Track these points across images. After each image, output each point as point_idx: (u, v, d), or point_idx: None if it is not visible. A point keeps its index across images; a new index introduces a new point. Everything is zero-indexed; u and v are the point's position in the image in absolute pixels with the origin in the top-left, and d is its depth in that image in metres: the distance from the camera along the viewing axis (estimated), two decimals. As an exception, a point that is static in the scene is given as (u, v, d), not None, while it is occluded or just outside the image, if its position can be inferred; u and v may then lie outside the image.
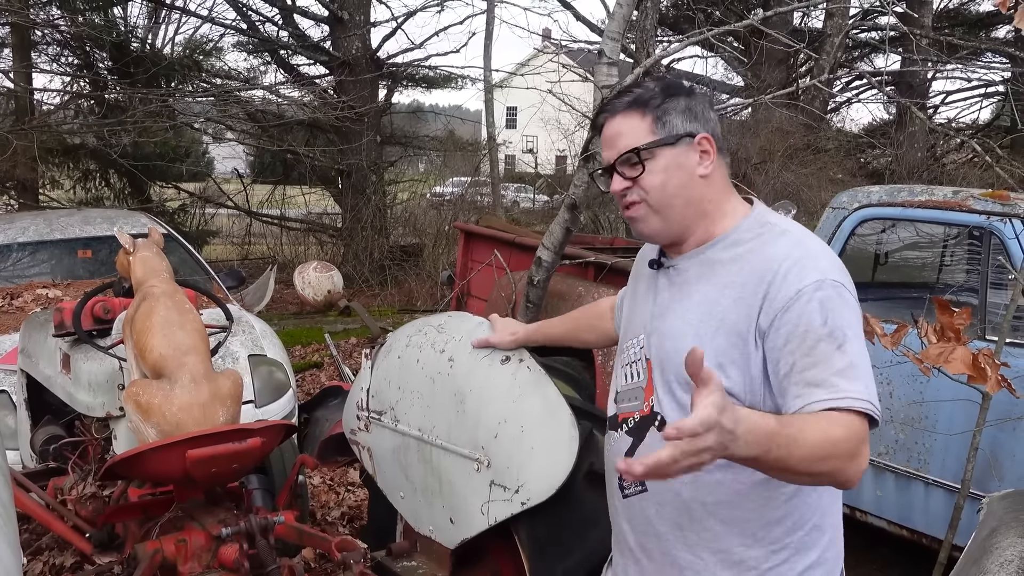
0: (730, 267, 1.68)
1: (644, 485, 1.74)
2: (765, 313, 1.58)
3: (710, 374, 1.29)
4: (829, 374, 1.49)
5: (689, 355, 1.28)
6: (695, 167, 1.72)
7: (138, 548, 2.79)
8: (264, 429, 2.85)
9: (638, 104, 1.72)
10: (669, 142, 1.70)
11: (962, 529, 3.63)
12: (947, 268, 4.62)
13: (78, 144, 11.99)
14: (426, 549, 2.91)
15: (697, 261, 1.74)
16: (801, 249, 1.63)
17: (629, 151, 1.71)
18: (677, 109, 1.72)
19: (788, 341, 1.55)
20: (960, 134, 12.68)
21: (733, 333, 1.61)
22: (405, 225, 14.33)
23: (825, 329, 1.52)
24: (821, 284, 1.56)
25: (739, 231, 1.72)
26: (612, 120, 1.75)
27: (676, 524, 1.71)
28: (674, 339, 1.70)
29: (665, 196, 1.71)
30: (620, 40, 5.30)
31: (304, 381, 7.71)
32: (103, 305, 3.46)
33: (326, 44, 13.70)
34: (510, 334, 2.53)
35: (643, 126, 1.71)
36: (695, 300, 1.70)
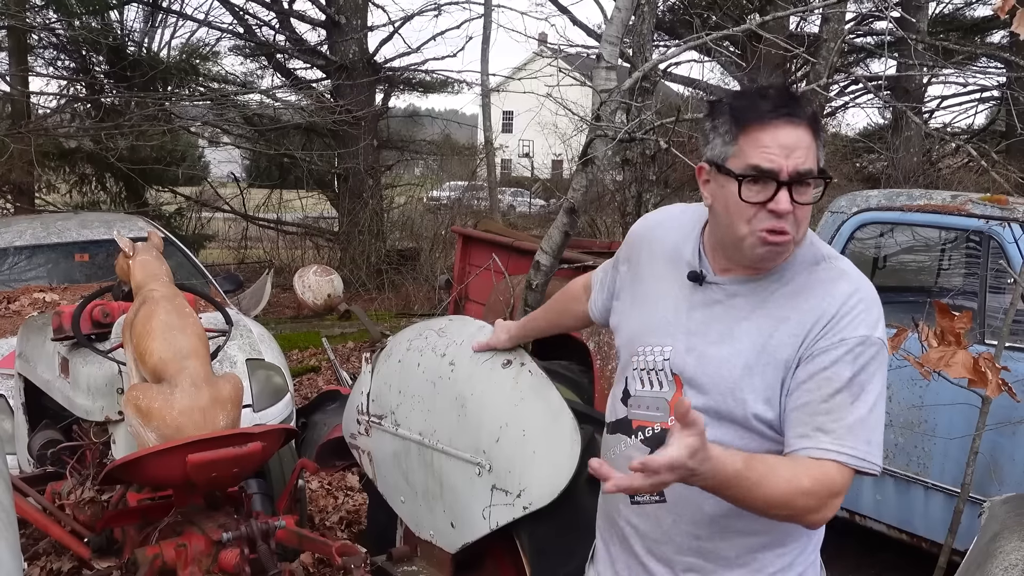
0: (786, 302, 1.66)
1: (663, 496, 1.72)
2: (805, 347, 1.61)
3: (696, 418, 1.36)
4: (838, 425, 1.56)
5: (678, 404, 1.37)
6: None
7: (137, 553, 2.78)
8: (265, 433, 2.85)
9: (815, 122, 1.60)
10: (824, 175, 1.62)
11: (962, 533, 3.63)
12: (945, 272, 4.63)
13: (74, 148, 11.96)
14: (427, 554, 2.90)
15: (749, 288, 1.69)
16: (859, 296, 1.63)
17: (815, 175, 1.58)
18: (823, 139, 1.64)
19: (811, 378, 1.59)
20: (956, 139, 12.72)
21: (783, 367, 1.63)
22: (402, 229, 14.32)
23: (849, 383, 1.57)
24: (865, 340, 1.59)
25: (795, 265, 1.68)
26: (796, 128, 1.58)
27: (693, 534, 1.72)
28: (720, 366, 1.67)
29: (806, 228, 1.66)
30: (618, 44, 5.31)
31: (301, 385, 7.69)
32: (102, 309, 3.45)
33: (323, 48, 13.70)
34: (504, 332, 2.55)
35: (816, 147, 1.60)
36: (745, 329, 1.67)
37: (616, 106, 5.06)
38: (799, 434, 1.58)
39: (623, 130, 4.81)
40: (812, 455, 1.55)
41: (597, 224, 12.30)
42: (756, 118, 1.58)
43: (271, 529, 2.81)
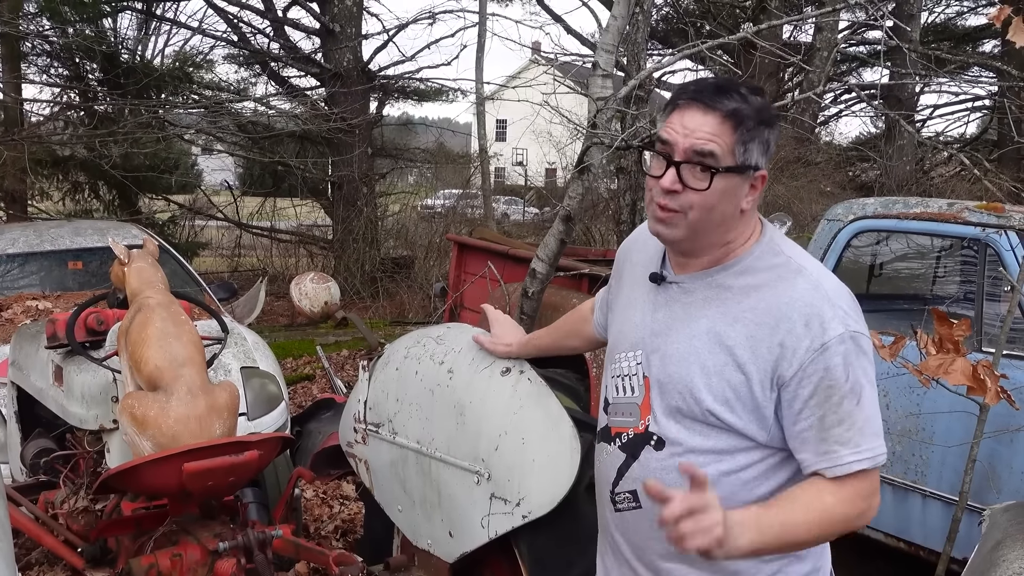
0: (742, 299, 1.65)
1: (639, 502, 1.74)
2: (788, 362, 1.59)
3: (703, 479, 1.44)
4: (853, 433, 1.58)
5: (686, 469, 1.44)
6: (741, 200, 1.67)
7: (132, 563, 2.75)
8: (261, 442, 2.83)
9: (735, 116, 1.61)
10: (741, 170, 1.63)
11: (960, 541, 3.63)
12: (941, 280, 4.63)
13: (67, 156, 11.92)
14: (424, 563, 2.88)
15: (705, 284, 1.70)
16: (820, 293, 1.61)
17: (709, 164, 1.61)
18: (760, 140, 1.64)
19: (814, 395, 1.58)
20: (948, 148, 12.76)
21: (743, 371, 1.62)
22: (396, 237, 14.30)
23: (848, 385, 1.57)
24: (843, 337, 1.58)
25: (751, 258, 1.68)
26: (706, 114, 1.62)
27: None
28: (678, 365, 1.68)
29: (708, 219, 1.65)
30: (614, 52, 5.31)
31: (296, 394, 7.66)
32: (96, 316, 3.43)
33: (317, 56, 13.69)
34: (504, 346, 2.52)
35: (728, 141, 1.61)
36: (702, 327, 1.67)
37: (612, 114, 5.06)
38: (819, 452, 1.60)
39: (620, 138, 4.80)
40: (837, 474, 1.58)
41: (592, 232, 12.31)
42: (678, 98, 1.67)
43: (268, 538, 2.79)
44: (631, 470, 1.73)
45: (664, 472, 1.68)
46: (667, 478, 1.66)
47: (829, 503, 1.57)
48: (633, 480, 1.73)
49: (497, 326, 2.57)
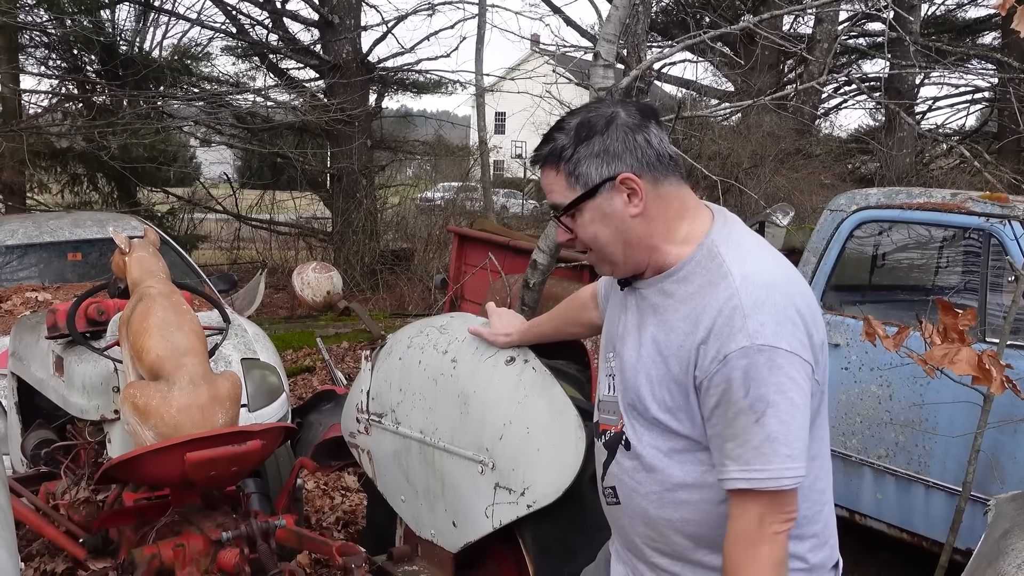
0: (679, 307, 1.62)
1: (618, 498, 1.76)
2: (700, 368, 1.56)
3: None
4: (744, 450, 1.51)
5: None
6: (624, 209, 1.62)
7: (135, 553, 2.74)
8: (264, 432, 2.81)
9: (552, 158, 1.65)
10: (588, 196, 1.63)
11: (963, 532, 3.62)
12: (944, 270, 4.62)
13: (66, 147, 11.89)
14: (427, 553, 2.88)
15: (655, 290, 1.68)
16: (734, 303, 1.53)
17: (555, 211, 1.68)
18: (590, 155, 1.61)
19: (717, 406, 1.54)
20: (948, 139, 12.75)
21: (676, 382, 1.60)
22: (396, 230, 14.28)
23: (746, 401, 1.50)
24: (747, 351, 1.49)
25: (690, 264, 1.63)
26: (542, 170, 1.69)
27: (647, 536, 1.73)
28: (630, 372, 1.69)
29: (602, 246, 1.66)
30: (615, 42, 5.29)
31: (296, 385, 7.65)
32: (97, 307, 3.41)
33: (316, 48, 13.65)
34: (504, 335, 2.53)
35: (560, 181, 1.65)
36: (647, 336, 1.67)
37: (614, 104, 5.04)
38: (716, 463, 1.57)
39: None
40: (726, 487, 1.55)
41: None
42: None
43: (271, 528, 2.77)
44: (611, 467, 1.76)
45: (635, 472, 1.69)
46: (638, 477, 1.69)
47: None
48: (612, 477, 1.76)
49: (496, 317, 2.57)
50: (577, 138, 1.62)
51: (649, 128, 1.63)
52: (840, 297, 4.57)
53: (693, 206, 1.68)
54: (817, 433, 1.65)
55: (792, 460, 1.51)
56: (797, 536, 1.65)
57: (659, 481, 1.66)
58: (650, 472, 1.67)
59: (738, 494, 1.53)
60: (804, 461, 1.53)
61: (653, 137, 1.63)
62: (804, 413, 1.53)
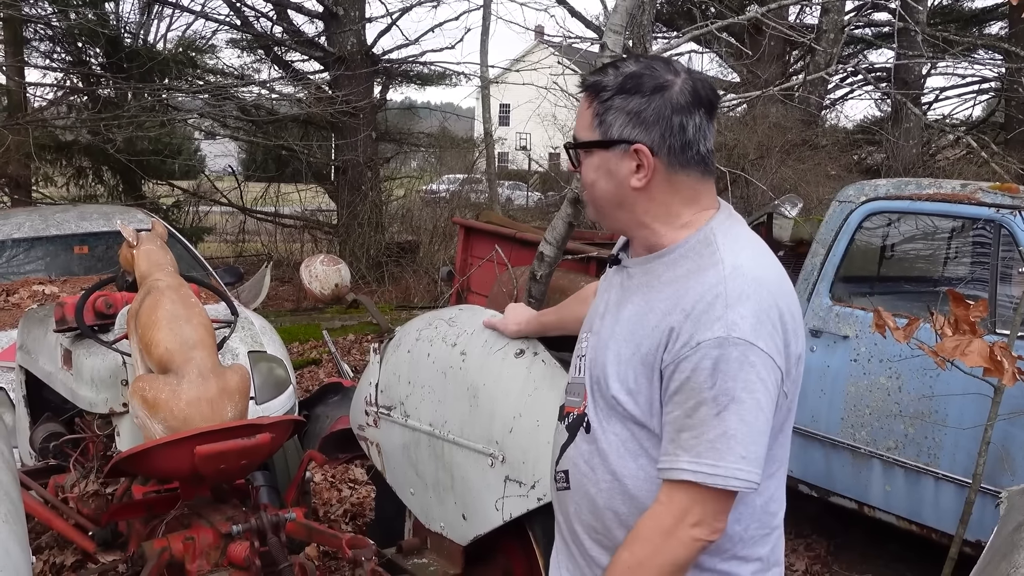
0: (663, 289, 1.57)
1: (568, 482, 1.70)
2: (668, 351, 1.50)
3: None
4: (699, 442, 1.45)
5: None
6: (628, 176, 1.57)
7: (145, 546, 2.74)
8: (273, 424, 2.81)
9: (591, 90, 1.58)
10: (602, 145, 1.58)
11: (972, 524, 3.61)
12: (954, 261, 4.60)
13: (71, 140, 11.89)
14: (437, 546, 2.88)
15: (643, 270, 1.64)
16: (720, 289, 1.49)
17: (568, 143, 1.64)
18: (623, 109, 1.55)
19: (678, 392, 1.48)
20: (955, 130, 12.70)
21: (644, 363, 1.55)
22: (401, 222, 14.27)
23: (711, 392, 1.45)
24: (722, 342, 1.45)
25: (683, 248, 1.59)
26: (582, 96, 1.63)
27: (590, 526, 1.67)
28: (600, 349, 1.64)
29: (595, 195, 1.63)
30: (623, 33, 5.26)
31: (303, 378, 7.66)
32: (105, 300, 3.40)
33: (321, 40, 13.62)
34: (515, 324, 2.53)
35: (587, 116, 1.59)
36: (626, 314, 1.62)
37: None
38: (664, 451, 1.51)
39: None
40: (667, 476, 1.49)
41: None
42: None
43: (281, 521, 2.77)
44: (568, 450, 1.70)
45: (591, 456, 1.64)
46: (592, 462, 1.63)
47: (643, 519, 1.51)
48: (568, 460, 1.70)
49: (509, 310, 2.59)
50: (622, 86, 1.55)
51: (693, 115, 1.56)
52: (849, 288, 4.55)
53: (705, 201, 1.63)
54: (778, 452, 1.59)
55: (746, 463, 1.45)
56: (739, 557, 1.60)
57: (611, 470, 1.60)
58: (604, 460, 1.61)
59: (671, 485, 1.48)
60: (759, 468, 1.46)
61: (691, 125, 1.56)
62: (767, 418, 1.47)
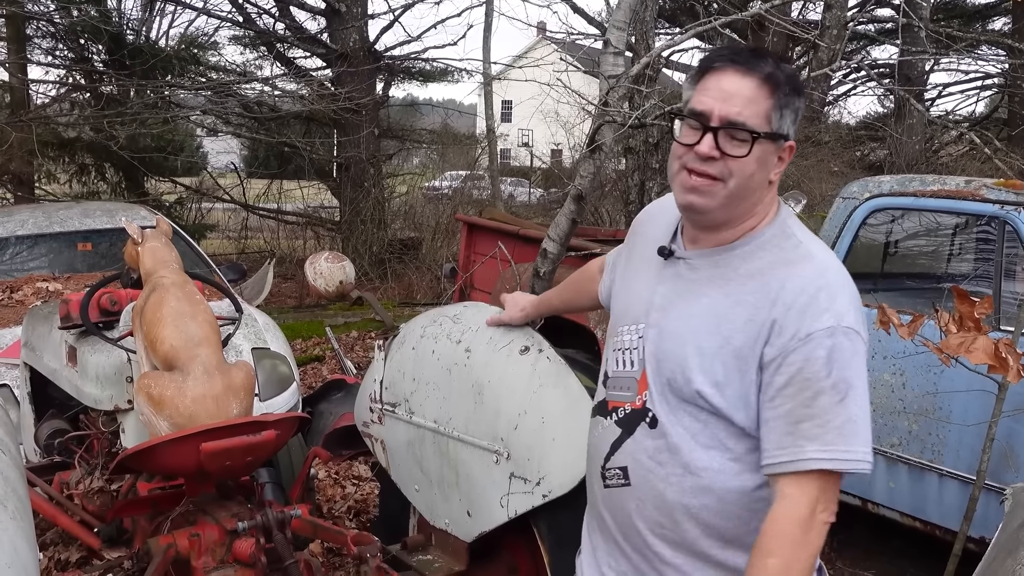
0: (746, 282, 1.60)
1: (628, 479, 1.70)
2: (772, 345, 1.53)
3: None
4: (826, 430, 1.48)
5: None
6: (771, 170, 1.62)
7: (151, 543, 2.74)
8: (278, 421, 2.81)
9: (772, 81, 1.58)
10: (775, 137, 1.59)
11: (976, 520, 3.61)
12: (957, 258, 4.59)
13: (74, 137, 11.89)
14: (441, 543, 2.88)
15: (711, 262, 1.66)
16: (822, 282, 1.54)
17: (749, 128, 1.56)
18: (792, 107, 1.60)
19: (789, 384, 1.51)
20: (958, 126, 12.68)
21: (737, 356, 1.57)
22: (404, 219, 14.27)
23: (828, 381, 1.49)
24: (834, 331, 1.50)
25: (760, 239, 1.63)
26: (743, 77, 1.57)
27: (657, 522, 1.67)
28: (674, 342, 1.64)
29: (746, 187, 1.60)
30: (626, 29, 5.26)
31: (306, 375, 7.66)
32: (110, 297, 3.41)
33: (323, 37, 13.61)
34: (520, 310, 2.53)
35: (765, 107, 1.57)
36: (703, 305, 1.63)
37: (624, 91, 5.02)
38: (779, 444, 1.51)
39: (633, 116, 4.76)
40: (794, 468, 1.49)
41: (600, 212, 12.27)
42: (711, 65, 1.61)
43: (287, 518, 2.77)
44: (625, 446, 1.70)
45: (657, 452, 1.65)
46: (660, 458, 1.64)
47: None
48: (626, 456, 1.70)
49: (509, 300, 2.58)
50: (791, 83, 1.60)
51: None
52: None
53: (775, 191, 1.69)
54: None
55: (868, 445, 1.50)
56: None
57: (683, 464, 1.62)
58: (675, 453, 1.62)
59: (798, 477, 1.49)
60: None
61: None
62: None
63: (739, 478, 1.60)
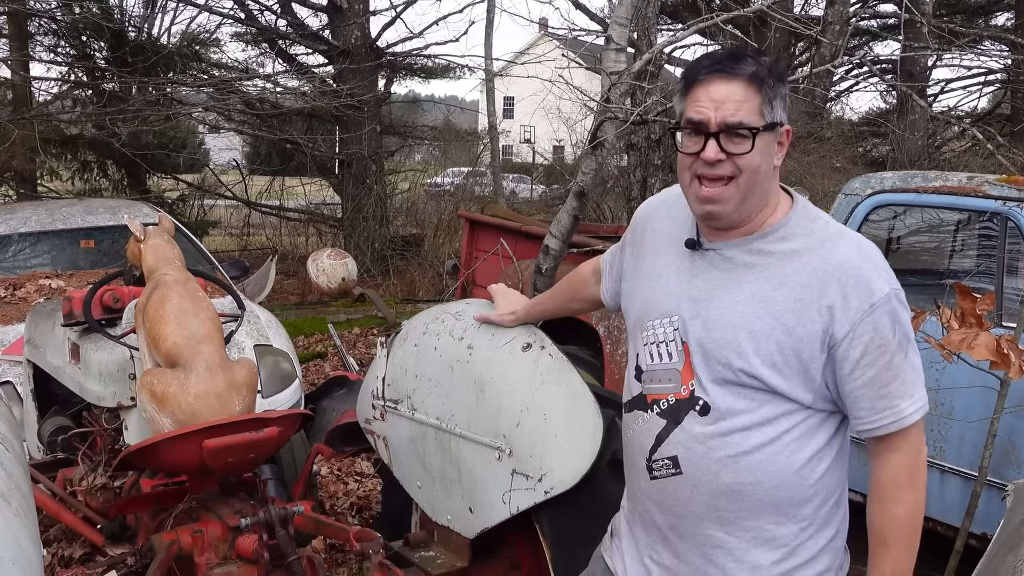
0: (785, 264, 1.68)
1: (679, 468, 1.74)
2: (840, 322, 1.63)
3: None
4: (907, 386, 1.66)
5: None
6: (774, 156, 1.71)
7: (154, 539, 2.75)
8: (281, 418, 2.82)
9: (756, 79, 1.66)
10: (771, 127, 1.67)
11: (978, 517, 3.61)
12: (960, 254, 4.59)
13: (76, 134, 11.90)
14: (444, 539, 2.88)
15: (745, 250, 1.73)
16: (864, 255, 1.67)
17: (747, 125, 1.65)
18: (781, 95, 1.69)
19: (866, 353, 1.63)
20: (960, 122, 12.65)
21: (791, 335, 1.65)
22: (406, 215, 14.27)
23: (895, 341, 1.64)
24: (889, 297, 1.63)
25: (789, 225, 1.72)
26: (729, 82, 1.66)
27: (712, 506, 1.72)
28: (724, 330, 1.70)
29: (756, 179, 1.68)
30: (628, 26, 5.26)
31: (308, 371, 7.67)
32: (112, 294, 3.42)
33: (325, 33, 13.61)
34: (510, 313, 2.54)
35: (756, 103, 1.66)
36: (746, 292, 1.70)
37: (626, 88, 5.02)
38: (878, 409, 1.66)
39: (635, 112, 4.76)
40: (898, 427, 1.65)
41: (603, 209, 12.26)
42: (695, 75, 1.69)
43: (289, 515, 2.78)
44: (672, 436, 1.74)
45: (709, 437, 1.70)
46: (712, 443, 1.69)
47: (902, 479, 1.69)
48: (675, 446, 1.74)
49: (500, 298, 2.59)
50: (775, 73, 1.69)
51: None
52: (854, 281, 4.54)
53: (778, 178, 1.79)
54: None
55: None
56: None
57: (739, 445, 1.69)
58: (727, 436, 1.69)
59: (903, 432, 1.66)
60: None
61: None
62: None
63: (795, 454, 1.68)
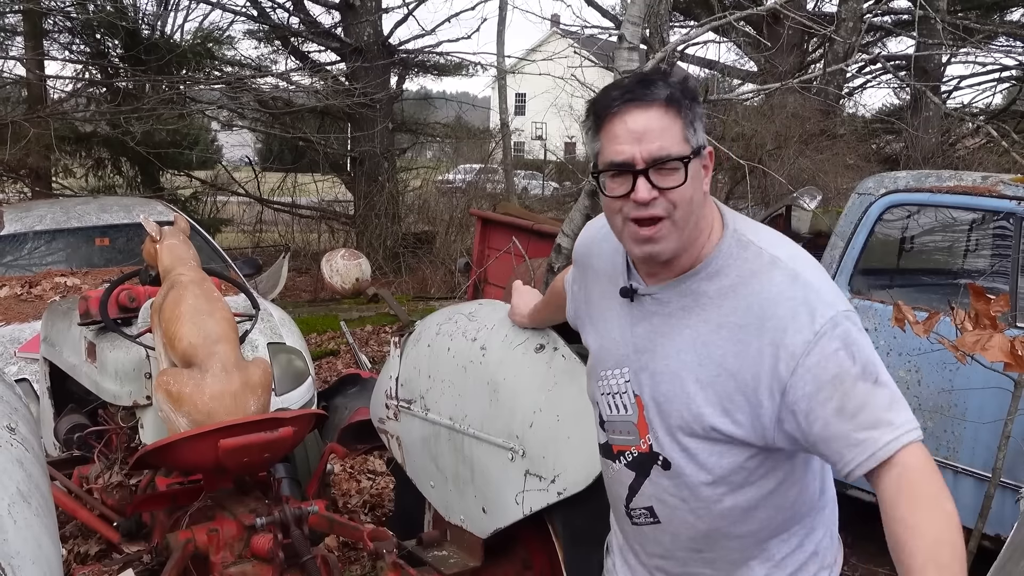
0: (721, 303, 1.55)
1: (656, 517, 1.69)
2: (784, 361, 1.47)
3: None
4: (880, 412, 1.44)
5: None
6: (703, 182, 1.56)
7: (169, 537, 2.77)
8: (295, 418, 2.84)
9: (674, 102, 1.50)
10: (698, 152, 1.52)
11: (992, 518, 3.61)
12: (974, 254, 4.57)
13: (90, 132, 11.96)
14: (457, 539, 2.90)
15: (678, 292, 1.59)
16: (799, 284, 1.50)
17: (676, 156, 1.49)
18: (699, 115, 1.54)
19: (820, 388, 1.45)
20: (975, 119, 12.59)
21: (736, 379, 1.52)
22: (418, 213, 14.29)
23: (858, 367, 1.45)
24: (836, 320, 1.46)
25: (720, 257, 1.57)
26: (646, 111, 1.50)
27: (694, 548, 1.69)
28: (671, 382, 1.59)
29: (691, 210, 1.53)
30: (640, 24, 5.26)
31: (320, 369, 7.70)
32: (128, 293, 3.44)
33: (337, 31, 13.64)
34: (519, 317, 2.57)
35: (677, 128, 1.50)
36: (687, 338, 1.58)
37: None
38: (850, 444, 1.44)
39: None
40: (882, 458, 1.43)
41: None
42: (607, 109, 1.52)
43: (304, 514, 2.80)
44: (643, 488, 1.69)
45: (677, 489, 1.64)
46: (683, 495, 1.64)
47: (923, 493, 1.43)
48: (647, 497, 1.69)
49: (517, 296, 2.59)
50: (688, 93, 1.53)
51: None
52: (868, 281, 4.54)
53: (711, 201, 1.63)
54: None
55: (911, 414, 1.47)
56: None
57: (705, 496, 1.61)
58: (695, 489, 1.61)
59: (888, 461, 1.43)
60: None
61: None
62: None
63: (763, 486, 1.60)
